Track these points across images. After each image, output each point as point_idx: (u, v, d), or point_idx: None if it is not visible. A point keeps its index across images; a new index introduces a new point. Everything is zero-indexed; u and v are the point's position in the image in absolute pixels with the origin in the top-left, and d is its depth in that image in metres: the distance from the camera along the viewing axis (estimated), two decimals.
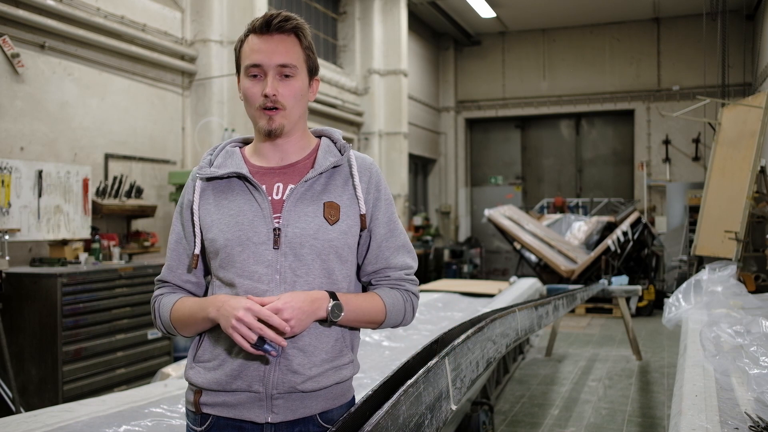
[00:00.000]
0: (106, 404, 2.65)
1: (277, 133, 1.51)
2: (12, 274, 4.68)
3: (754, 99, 7.11)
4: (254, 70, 1.50)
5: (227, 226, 1.49)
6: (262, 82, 1.49)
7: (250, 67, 1.50)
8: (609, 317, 9.53)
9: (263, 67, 1.48)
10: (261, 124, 1.51)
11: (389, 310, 1.55)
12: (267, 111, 1.49)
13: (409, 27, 11.97)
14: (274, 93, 1.48)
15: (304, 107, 1.55)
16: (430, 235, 12.78)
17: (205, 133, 7.08)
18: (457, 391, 1.96)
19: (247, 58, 1.50)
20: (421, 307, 5.38)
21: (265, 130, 1.51)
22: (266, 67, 1.48)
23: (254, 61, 1.49)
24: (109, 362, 4.96)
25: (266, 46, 1.48)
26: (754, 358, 2.52)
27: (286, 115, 1.51)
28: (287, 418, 1.47)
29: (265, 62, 1.48)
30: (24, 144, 5.36)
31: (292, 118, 1.52)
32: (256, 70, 1.49)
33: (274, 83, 1.48)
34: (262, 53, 1.48)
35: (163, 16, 6.90)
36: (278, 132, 1.51)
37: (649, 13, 13.23)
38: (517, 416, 4.92)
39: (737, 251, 6.24)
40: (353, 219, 1.53)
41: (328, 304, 1.44)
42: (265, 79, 1.49)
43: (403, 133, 11.33)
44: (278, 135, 1.52)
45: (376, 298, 1.55)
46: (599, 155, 14.62)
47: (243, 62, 1.52)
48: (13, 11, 5.19)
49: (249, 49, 1.50)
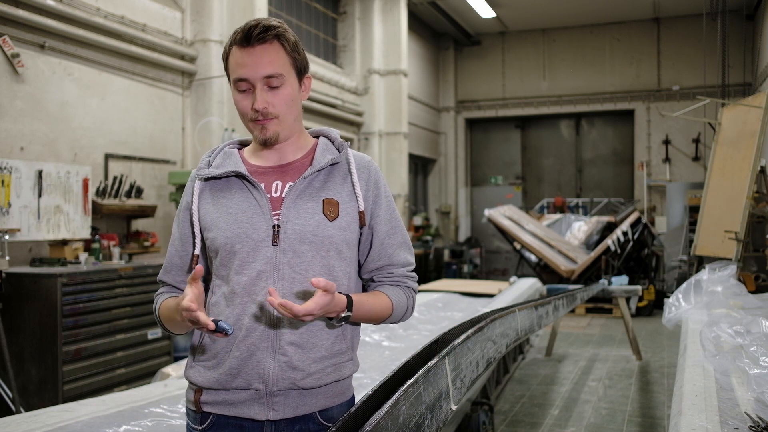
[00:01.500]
0: (106, 404, 2.65)
1: (272, 141, 1.52)
2: (12, 274, 4.68)
3: (754, 99, 7.11)
4: (242, 85, 1.49)
5: (226, 224, 1.50)
6: (252, 94, 1.49)
7: (237, 82, 1.49)
8: (609, 317, 9.53)
9: (250, 80, 1.48)
10: (255, 135, 1.53)
11: (395, 307, 1.58)
12: (259, 122, 1.50)
13: (409, 27, 11.97)
14: (264, 106, 1.48)
15: (297, 110, 1.55)
16: (430, 235, 12.78)
17: (205, 133, 7.08)
18: (457, 391, 1.96)
19: (233, 72, 1.50)
20: (420, 307, 5.38)
21: (260, 140, 1.53)
22: (253, 81, 1.48)
23: (240, 76, 1.48)
24: (109, 362, 4.96)
25: (250, 59, 1.47)
26: (754, 358, 2.52)
27: (280, 122, 1.51)
28: (287, 416, 1.48)
29: (251, 76, 1.47)
30: (24, 144, 5.36)
31: (287, 123, 1.53)
32: (243, 84, 1.49)
33: (263, 96, 1.48)
34: (247, 67, 1.47)
35: (163, 16, 6.90)
36: (273, 140, 1.52)
37: (649, 13, 13.23)
38: (517, 416, 4.92)
39: (737, 251, 6.24)
40: (352, 215, 1.54)
41: (342, 313, 1.45)
42: (254, 92, 1.48)
43: (403, 133, 11.33)
44: (274, 142, 1.53)
45: (384, 297, 1.57)
46: (599, 155, 14.62)
47: (230, 75, 1.52)
48: (13, 11, 5.19)
49: (234, 62, 1.49)
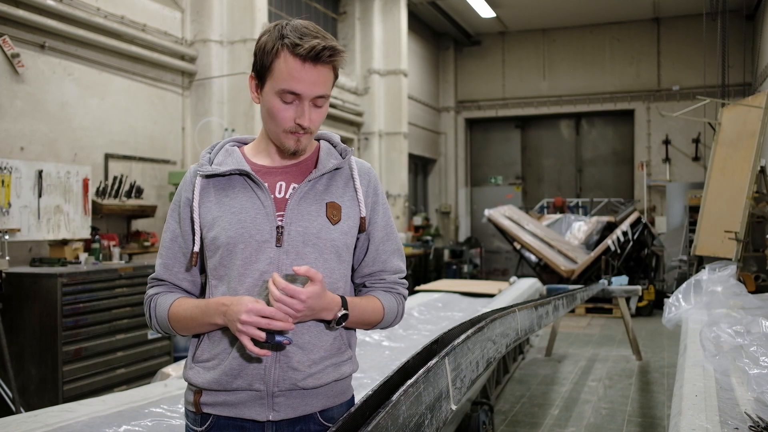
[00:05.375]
0: (106, 404, 2.65)
1: (301, 153, 1.53)
2: (12, 274, 4.68)
3: (754, 99, 7.11)
4: (289, 97, 1.44)
5: (229, 223, 1.48)
6: (295, 107, 1.45)
7: (285, 93, 1.44)
8: (609, 317, 9.53)
9: (302, 96, 1.44)
10: (288, 145, 1.50)
11: (386, 313, 1.59)
12: (296, 134, 1.48)
13: (409, 27, 11.96)
14: (309, 124, 1.47)
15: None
16: (430, 235, 12.78)
17: (205, 133, 7.09)
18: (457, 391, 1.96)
19: (283, 81, 1.43)
20: (421, 307, 5.38)
21: (291, 150, 1.51)
22: (304, 97, 1.44)
23: (293, 90, 1.43)
24: (109, 362, 4.96)
25: (308, 76, 1.42)
26: (754, 358, 2.52)
27: (310, 136, 1.52)
28: (288, 416, 1.48)
29: (306, 93, 1.43)
30: (24, 144, 5.36)
31: (314, 135, 1.55)
32: (291, 96, 1.44)
33: (310, 113, 1.46)
34: (304, 83, 1.42)
35: (163, 16, 6.90)
36: (303, 151, 1.53)
37: (649, 13, 13.23)
38: (517, 416, 4.92)
39: (737, 251, 6.24)
40: (353, 220, 1.55)
41: (338, 311, 1.45)
42: (300, 105, 1.45)
43: (403, 133, 11.33)
44: (302, 154, 1.54)
45: (376, 302, 1.57)
46: (599, 155, 14.62)
47: (276, 81, 1.44)
48: (13, 11, 5.19)
49: (287, 72, 1.42)
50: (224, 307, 1.42)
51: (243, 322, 1.35)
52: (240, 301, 1.39)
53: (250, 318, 1.35)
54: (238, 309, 1.37)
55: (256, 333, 1.36)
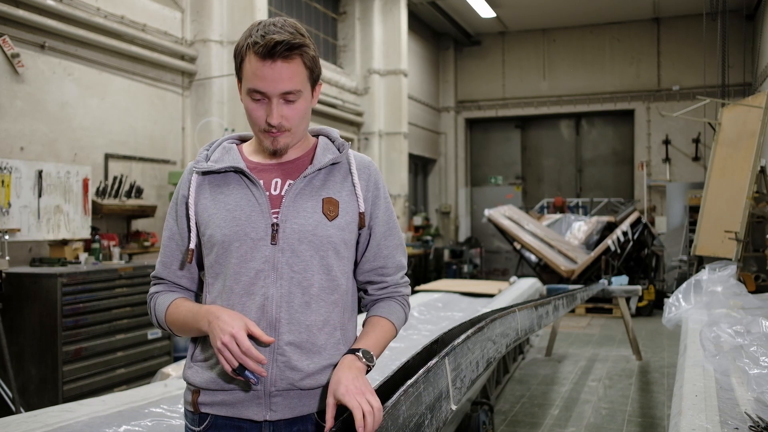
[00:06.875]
0: (106, 404, 2.65)
1: (282, 152, 1.51)
2: (12, 274, 4.68)
3: (754, 99, 7.11)
4: (257, 95, 1.44)
5: (224, 221, 1.48)
6: (266, 106, 1.45)
7: (253, 92, 1.44)
8: (609, 317, 9.53)
9: (267, 94, 1.44)
10: (266, 144, 1.50)
11: (397, 327, 1.61)
12: (271, 134, 1.48)
13: (409, 27, 11.96)
14: (279, 121, 1.45)
15: (308, 120, 1.54)
16: (430, 235, 12.78)
17: (205, 133, 7.08)
18: (457, 391, 1.96)
19: (248, 80, 1.44)
20: (421, 307, 5.38)
21: (270, 150, 1.51)
22: (270, 95, 1.43)
23: (257, 88, 1.43)
24: (109, 362, 4.96)
25: (270, 73, 1.41)
26: (754, 358, 2.52)
27: (291, 134, 1.49)
28: (285, 416, 1.47)
29: (269, 91, 1.43)
30: (24, 144, 5.36)
31: (297, 135, 1.52)
32: (258, 95, 1.44)
33: (279, 110, 1.45)
34: (266, 81, 1.42)
35: (163, 16, 6.90)
36: (283, 151, 1.51)
37: (649, 13, 13.22)
38: (517, 416, 4.92)
39: (737, 251, 6.24)
40: (352, 215, 1.53)
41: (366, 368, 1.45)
42: (269, 104, 1.44)
43: (403, 133, 11.33)
44: (284, 153, 1.52)
45: (385, 323, 1.58)
46: (599, 155, 14.62)
47: (244, 81, 1.46)
48: (13, 11, 5.19)
49: (251, 71, 1.43)
50: (213, 318, 1.41)
51: (222, 343, 1.36)
52: (229, 320, 1.38)
53: (229, 344, 1.36)
54: (223, 328, 1.37)
55: (229, 357, 1.36)
